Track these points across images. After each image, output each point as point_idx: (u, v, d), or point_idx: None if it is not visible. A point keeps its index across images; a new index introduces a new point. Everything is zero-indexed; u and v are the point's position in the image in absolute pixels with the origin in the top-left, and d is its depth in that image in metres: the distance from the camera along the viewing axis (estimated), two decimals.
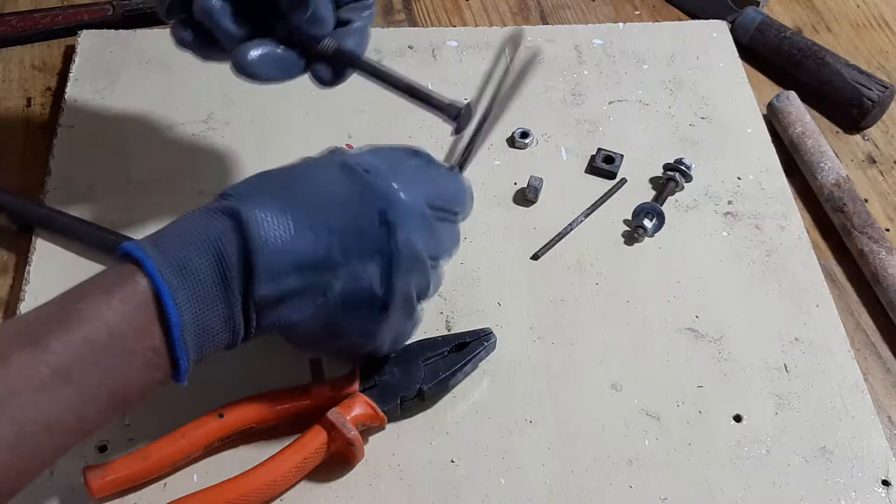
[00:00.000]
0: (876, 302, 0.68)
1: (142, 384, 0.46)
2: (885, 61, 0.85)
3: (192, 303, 0.46)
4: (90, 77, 0.76)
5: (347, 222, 0.49)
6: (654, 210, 0.69)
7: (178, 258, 0.46)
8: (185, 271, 0.46)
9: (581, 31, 0.84)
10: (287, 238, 0.47)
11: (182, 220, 0.49)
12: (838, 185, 0.72)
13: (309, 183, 0.50)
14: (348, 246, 0.49)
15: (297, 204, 0.48)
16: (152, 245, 0.46)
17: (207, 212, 0.48)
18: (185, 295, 0.45)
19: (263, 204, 0.48)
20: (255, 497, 0.54)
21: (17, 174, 0.72)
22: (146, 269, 0.45)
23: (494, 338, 0.61)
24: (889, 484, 0.58)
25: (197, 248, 0.46)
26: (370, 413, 0.56)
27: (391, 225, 0.50)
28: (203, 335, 0.47)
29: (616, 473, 0.58)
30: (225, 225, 0.47)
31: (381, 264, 0.50)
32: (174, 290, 0.45)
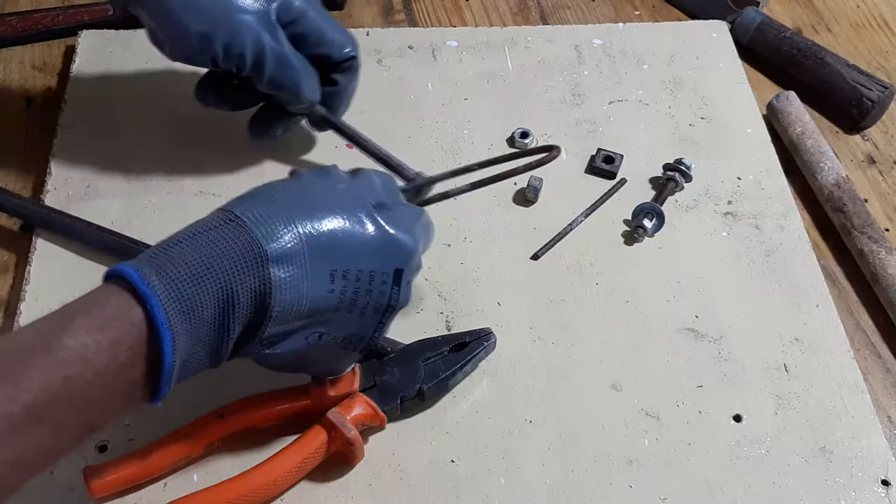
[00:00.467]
0: (876, 302, 0.68)
1: (116, 414, 0.44)
2: (885, 61, 0.85)
3: (188, 341, 0.44)
4: (90, 77, 0.76)
5: (365, 274, 0.48)
6: (654, 210, 0.69)
7: (186, 294, 0.43)
8: (190, 310, 0.43)
9: (581, 31, 0.84)
10: (307, 285, 0.46)
11: (192, 239, 0.45)
12: (838, 186, 0.73)
13: (334, 226, 0.48)
14: (359, 296, 0.49)
15: (321, 248, 0.47)
16: (157, 272, 0.43)
17: (219, 235, 0.45)
18: (184, 335, 0.43)
19: (285, 241, 0.46)
20: (255, 497, 0.54)
21: (17, 174, 0.72)
22: (149, 307, 0.42)
23: (494, 338, 0.61)
24: (889, 484, 0.58)
25: (206, 279, 0.43)
26: (370, 413, 0.56)
27: (401, 283, 0.50)
28: (187, 366, 0.45)
29: (616, 473, 0.58)
30: (244, 261, 0.44)
31: (380, 315, 0.50)
32: (175, 334, 0.43)
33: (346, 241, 0.48)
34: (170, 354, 0.43)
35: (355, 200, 0.50)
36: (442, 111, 0.77)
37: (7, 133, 0.74)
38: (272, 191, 0.49)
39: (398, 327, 0.62)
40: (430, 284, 0.66)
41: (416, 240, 0.51)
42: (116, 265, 0.44)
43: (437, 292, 0.65)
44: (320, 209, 0.48)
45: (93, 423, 0.43)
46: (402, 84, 0.78)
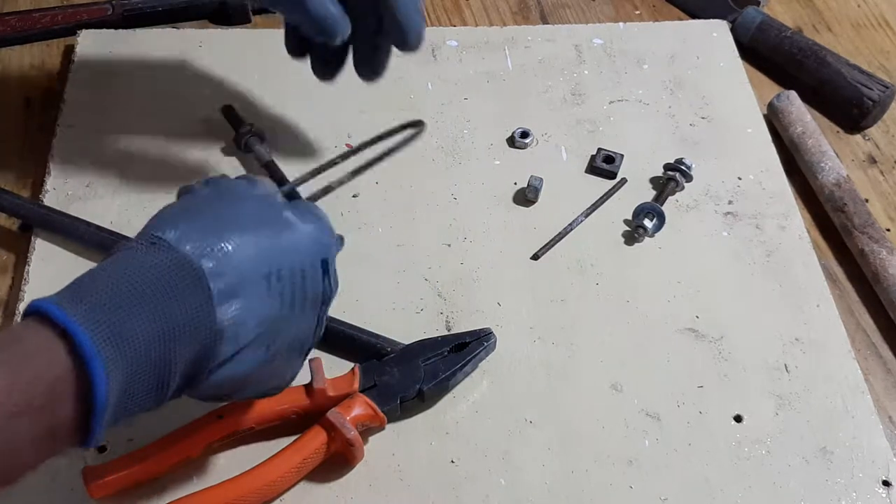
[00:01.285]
0: (876, 302, 0.68)
1: (38, 460, 0.39)
2: (886, 61, 0.85)
3: (124, 375, 0.39)
4: (90, 77, 0.76)
5: (297, 271, 0.47)
6: (654, 210, 0.69)
7: (114, 319, 0.39)
8: (121, 338, 0.39)
9: (581, 31, 0.84)
10: (250, 292, 0.44)
11: (109, 269, 0.42)
12: (839, 185, 0.72)
13: (261, 228, 0.46)
14: (296, 292, 0.47)
15: (254, 254, 0.45)
16: (79, 302, 0.39)
17: (144, 258, 0.42)
18: (118, 368, 0.39)
19: (215, 252, 0.43)
20: (254, 497, 0.54)
21: (17, 174, 0.72)
22: (73, 335, 0.37)
23: (494, 338, 0.61)
24: (889, 484, 0.58)
25: (139, 305, 0.40)
26: (370, 413, 0.56)
27: (329, 270, 0.49)
28: (124, 405, 0.40)
29: (616, 474, 0.58)
30: (178, 279, 0.41)
31: (319, 307, 0.49)
32: (108, 366, 0.38)
33: (273, 242, 0.46)
34: (102, 390, 0.38)
35: (269, 202, 0.49)
36: (442, 111, 0.76)
37: (6, 133, 0.74)
38: (184, 206, 0.47)
39: (398, 327, 0.62)
40: (430, 284, 0.66)
41: (329, 228, 0.50)
42: (33, 301, 0.39)
43: (437, 292, 0.65)
44: (241, 216, 0.46)
45: (11, 469, 0.38)
46: (402, 84, 0.78)
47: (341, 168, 0.56)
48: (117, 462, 0.54)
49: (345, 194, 0.70)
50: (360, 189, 0.70)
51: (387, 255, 0.67)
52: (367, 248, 0.67)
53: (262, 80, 0.77)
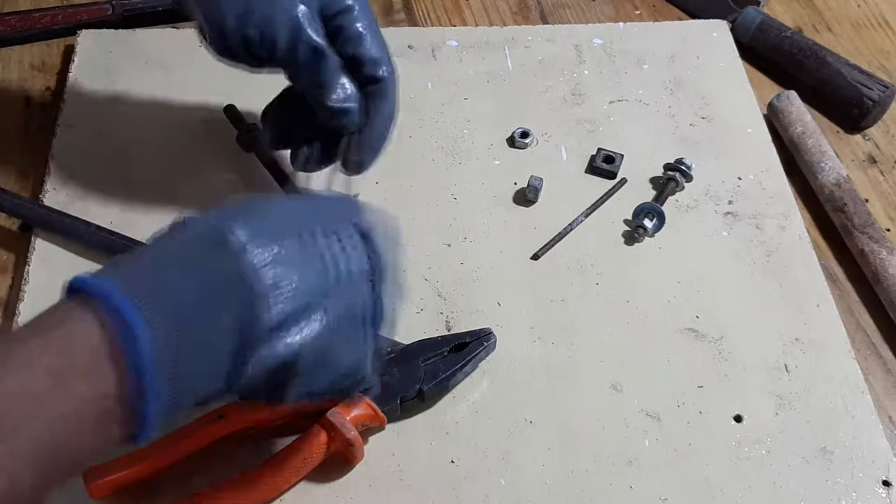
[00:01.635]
0: (876, 302, 0.68)
1: (95, 443, 0.38)
2: (886, 61, 0.85)
3: (169, 333, 0.38)
4: (90, 77, 0.76)
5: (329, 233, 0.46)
6: (654, 210, 0.69)
7: (152, 276, 0.39)
8: (160, 291, 0.39)
9: (581, 31, 0.84)
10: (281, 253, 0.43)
11: (143, 248, 0.43)
12: (839, 185, 0.72)
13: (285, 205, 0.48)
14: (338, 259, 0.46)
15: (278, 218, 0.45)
16: (114, 268, 0.40)
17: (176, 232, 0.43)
18: (162, 322, 0.38)
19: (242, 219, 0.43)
20: (255, 497, 0.54)
21: (17, 174, 0.72)
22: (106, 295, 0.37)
23: (494, 338, 0.61)
24: (889, 484, 0.58)
25: (175, 268, 0.40)
26: (370, 413, 0.56)
27: (370, 237, 0.47)
28: (181, 378, 0.39)
29: (616, 474, 0.58)
30: (209, 241, 0.42)
31: (367, 277, 0.47)
32: (144, 312, 0.37)
33: (302, 211, 0.47)
34: (146, 342, 0.37)
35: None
36: (442, 111, 0.76)
37: (6, 132, 0.74)
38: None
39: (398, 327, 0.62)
40: (430, 284, 0.66)
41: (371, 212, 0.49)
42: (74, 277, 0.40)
43: (437, 292, 0.65)
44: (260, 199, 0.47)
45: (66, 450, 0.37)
46: (402, 84, 0.77)
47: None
48: (117, 462, 0.54)
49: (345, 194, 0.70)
50: (359, 189, 0.70)
51: None
52: None
53: (262, 80, 0.77)
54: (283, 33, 0.57)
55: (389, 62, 0.61)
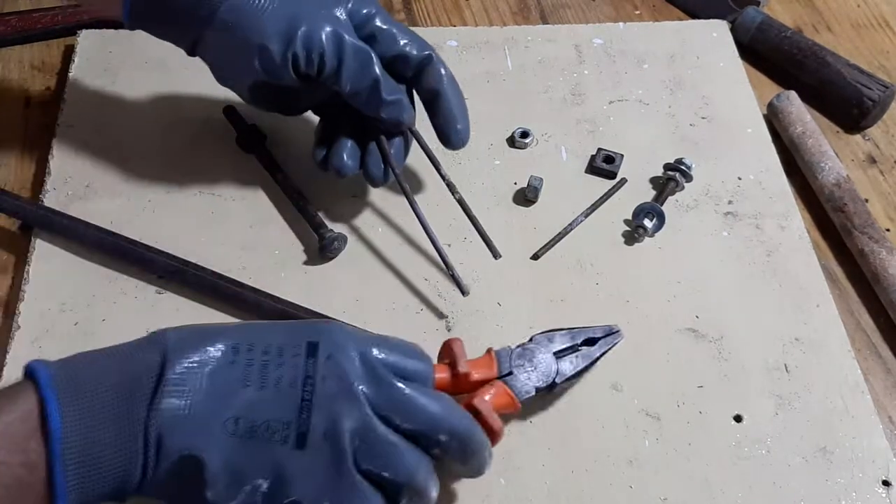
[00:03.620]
0: (876, 302, 0.68)
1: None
2: (886, 61, 0.85)
3: (82, 417, 0.42)
4: (90, 77, 0.76)
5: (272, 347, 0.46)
6: (654, 210, 0.69)
7: (78, 368, 0.43)
8: (80, 382, 0.43)
9: (581, 31, 0.84)
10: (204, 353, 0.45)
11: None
12: (839, 185, 0.72)
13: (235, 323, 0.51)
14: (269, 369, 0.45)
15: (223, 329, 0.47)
16: (58, 361, 0.44)
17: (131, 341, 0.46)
18: (75, 407, 0.42)
19: (187, 328, 0.46)
20: None
21: (17, 174, 0.72)
22: (37, 378, 0.42)
23: (622, 336, 0.60)
24: (889, 484, 0.58)
25: (103, 361, 0.44)
26: (508, 402, 0.55)
27: (318, 355, 0.46)
28: (89, 462, 0.42)
29: (616, 473, 0.58)
30: (142, 343, 0.46)
31: (300, 390, 0.45)
32: (62, 398, 0.41)
33: (250, 326, 0.49)
34: (56, 420, 0.41)
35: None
36: None
37: (6, 132, 0.74)
38: None
39: (398, 327, 0.62)
40: (430, 284, 0.66)
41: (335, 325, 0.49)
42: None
43: (438, 292, 0.65)
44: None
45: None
46: None
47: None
48: None
49: (345, 194, 0.70)
50: (359, 190, 0.71)
51: (387, 255, 0.67)
52: (368, 247, 0.67)
53: None
54: (329, 46, 0.59)
55: (427, 45, 0.64)
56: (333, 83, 0.61)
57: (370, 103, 0.62)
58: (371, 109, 0.62)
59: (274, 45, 0.58)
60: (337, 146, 0.64)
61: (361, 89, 0.61)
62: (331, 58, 0.59)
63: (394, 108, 0.62)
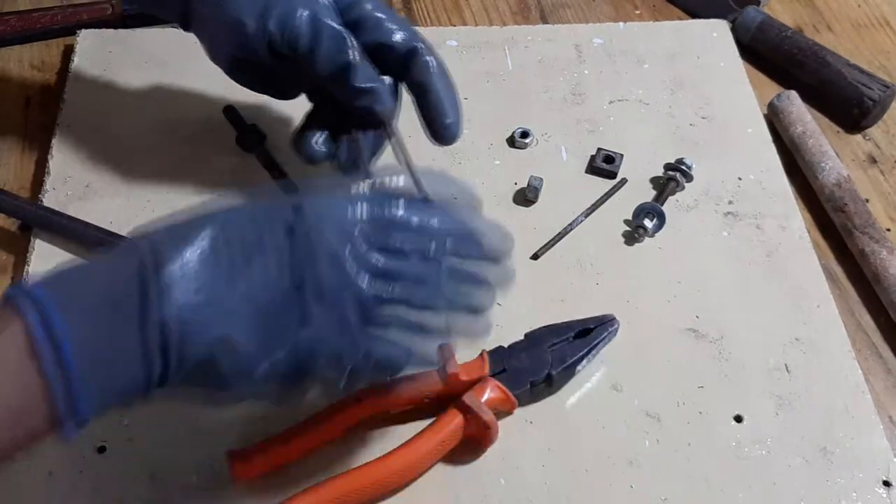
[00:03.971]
0: (877, 302, 0.68)
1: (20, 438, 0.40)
2: (887, 61, 0.85)
3: (83, 323, 0.40)
4: (89, 77, 0.76)
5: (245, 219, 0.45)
6: (654, 210, 0.69)
7: (66, 280, 0.42)
8: (72, 289, 0.41)
9: (581, 31, 0.84)
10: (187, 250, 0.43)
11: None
12: (839, 185, 0.72)
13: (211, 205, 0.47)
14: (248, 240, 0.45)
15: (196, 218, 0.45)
16: (40, 282, 0.42)
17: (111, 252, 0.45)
18: (75, 313, 0.40)
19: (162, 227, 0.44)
20: (395, 479, 0.55)
21: (17, 174, 0.72)
22: (30, 295, 0.40)
23: (617, 324, 0.62)
24: (890, 484, 0.58)
25: (87, 269, 0.43)
26: (502, 397, 0.57)
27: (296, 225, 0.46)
28: (102, 366, 0.41)
29: (616, 474, 0.58)
30: (122, 251, 0.44)
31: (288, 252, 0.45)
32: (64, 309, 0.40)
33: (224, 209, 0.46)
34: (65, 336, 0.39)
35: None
36: None
37: (6, 132, 0.74)
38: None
39: None
40: None
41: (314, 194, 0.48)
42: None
43: None
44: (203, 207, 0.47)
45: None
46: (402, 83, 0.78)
47: None
48: (260, 446, 0.55)
49: None
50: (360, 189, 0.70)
51: None
52: None
53: None
54: (305, 27, 0.58)
55: (416, 35, 0.61)
56: (309, 66, 0.59)
57: (343, 90, 0.59)
58: (344, 96, 0.60)
59: (249, 21, 0.58)
60: (311, 132, 0.63)
61: (334, 74, 0.59)
62: (305, 39, 0.58)
63: (367, 96, 0.59)
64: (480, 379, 0.58)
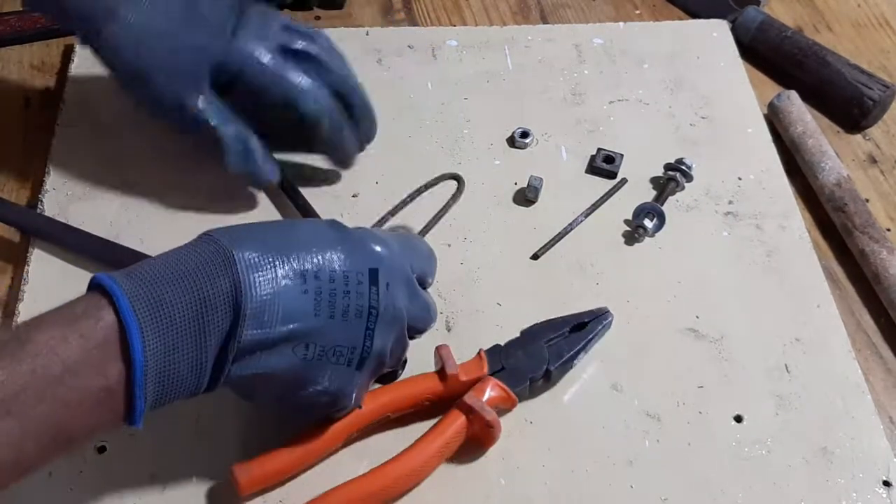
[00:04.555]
0: (877, 302, 0.68)
1: (90, 424, 0.43)
2: (887, 61, 0.85)
3: (162, 343, 0.43)
4: (89, 77, 0.76)
5: (339, 274, 0.48)
6: (654, 210, 0.69)
7: (154, 292, 0.44)
8: (159, 306, 0.43)
9: (581, 31, 0.84)
10: (278, 283, 0.46)
11: (163, 256, 0.47)
12: (839, 185, 0.72)
13: (300, 232, 0.50)
14: (336, 297, 0.48)
15: (288, 250, 0.47)
16: (127, 276, 0.44)
17: (192, 248, 0.47)
18: (155, 333, 0.43)
19: (254, 247, 0.46)
20: (402, 483, 0.55)
21: (16, 174, 0.72)
22: (116, 301, 0.43)
23: (611, 316, 0.62)
24: (890, 485, 0.58)
25: (177, 283, 0.44)
26: (503, 396, 0.57)
27: (379, 283, 0.49)
28: (166, 380, 0.44)
29: (616, 474, 0.58)
30: (213, 263, 0.45)
31: (365, 321, 0.49)
32: (144, 327, 0.43)
33: (312, 242, 0.48)
34: (139, 348, 0.42)
35: (321, 219, 0.52)
36: (442, 111, 0.76)
37: (6, 133, 0.74)
38: (250, 223, 0.51)
39: None
40: None
41: (387, 247, 0.51)
42: (96, 275, 0.45)
43: (437, 292, 0.65)
44: (288, 225, 0.51)
45: (66, 431, 0.43)
46: (402, 84, 0.78)
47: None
48: (265, 457, 0.54)
49: (345, 194, 0.70)
50: (359, 189, 0.71)
51: None
52: None
53: None
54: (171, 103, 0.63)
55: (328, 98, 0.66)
56: None
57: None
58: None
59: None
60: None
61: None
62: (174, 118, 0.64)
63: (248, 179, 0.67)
64: (480, 378, 0.58)
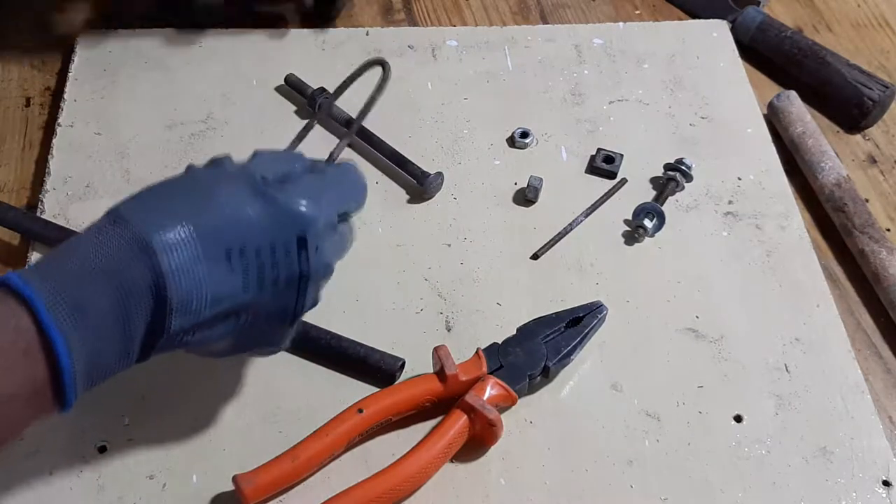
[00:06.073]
0: (876, 302, 0.68)
1: (16, 424, 0.43)
2: (886, 61, 0.85)
3: (86, 346, 0.42)
4: (89, 77, 0.76)
5: (264, 248, 0.47)
6: (654, 210, 0.69)
7: (73, 293, 0.42)
8: (80, 309, 0.42)
9: (581, 31, 0.84)
10: (202, 269, 0.45)
11: (75, 245, 0.45)
12: (839, 185, 0.72)
13: (220, 206, 0.47)
14: (265, 271, 0.47)
15: (210, 230, 0.46)
16: (40, 276, 0.43)
17: (105, 236, 0.44)
18: (79, 338, 0.42)
19: (171, 229, 0.45)
20: (408, 484, 0.55)
21: (17, 174, 0.72)
22: (35, 310, 0.41)
23: (605, 310, 0.62)
24: (890, 484, 0.58)
25: (95, 280, 0.43)
26: (503, 394, 0.57)
27: (308, 246, 0.48)
28: (93, 371, 0.44)
29: (616, 473, 0.58)
30: (130, 252, 0.44)
31: (297, 284, 0.49)
32: (67, 334, 0.41)
33: (234, 218, 0.47)
34: (65, 356, 0.41)
35: (240, 179, 0.49)
36: (442, 111, 0.76)
37: (6, 132, 0.74)
38: (159, 186, 0.49)
39: (398, 327, 0.62)
40: (429, 284, 0.66)
41: (316, 205, 0.49)
42: (6, 274, 0.43)
43: (437, 292, 0.65)
44: (204, 194, 0.47)
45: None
46: (402, 84, 0.78)
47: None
48: (268, 465, 0.54)
49: None
50: None
51: (387, 255, 0.67)
52: (367, 248, 0.67)
53: (261, 81, 0.77)
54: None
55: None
56: None
57: None
58: None
59: None
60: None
61: None
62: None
63: None
64: (479, 378, 0.58)
